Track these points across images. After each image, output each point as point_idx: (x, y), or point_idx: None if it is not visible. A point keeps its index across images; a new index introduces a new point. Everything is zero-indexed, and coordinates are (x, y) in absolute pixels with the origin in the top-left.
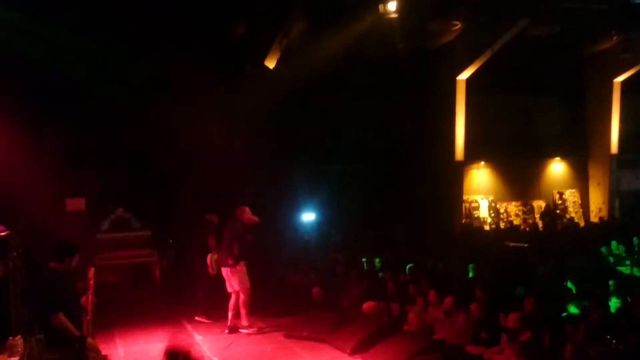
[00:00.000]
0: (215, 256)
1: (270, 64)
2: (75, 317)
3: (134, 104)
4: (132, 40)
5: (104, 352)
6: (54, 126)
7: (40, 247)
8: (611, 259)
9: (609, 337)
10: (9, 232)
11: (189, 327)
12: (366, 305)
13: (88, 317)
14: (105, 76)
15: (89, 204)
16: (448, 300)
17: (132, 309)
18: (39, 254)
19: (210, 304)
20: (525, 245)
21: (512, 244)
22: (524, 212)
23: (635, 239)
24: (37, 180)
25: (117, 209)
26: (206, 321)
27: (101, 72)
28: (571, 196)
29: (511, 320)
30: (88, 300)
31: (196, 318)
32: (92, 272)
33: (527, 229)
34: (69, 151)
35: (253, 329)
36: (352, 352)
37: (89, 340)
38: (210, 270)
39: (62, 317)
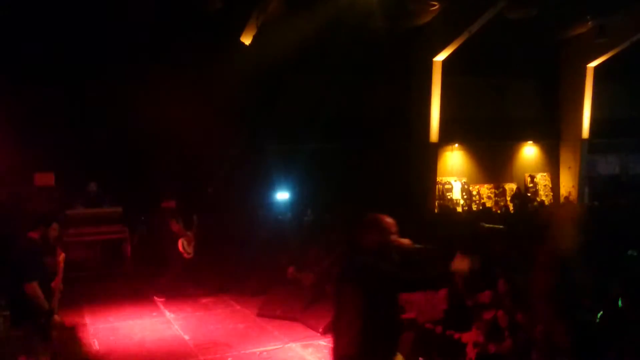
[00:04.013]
0: (187, 239)
1: (247, 40)
2: (45, 291)
3: (106, 79)
4: (105, 15)
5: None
6: (24, 100)
7: (8, 221)
8: None
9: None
10: None
11: (160, 304)
12: None
13: (54, 300)
14: (80, 50)
15: (58, 179)
16: None
17: (103, 286)
18: (7, 228)
19: (171, 284)
20: (501, 227)
21: (487, 225)
22: (496, 195)
23: None
24: (4, 154)
25: (89, 184)
26: (161, 298)
27: (76, 46)
28: (542, 180)
29: (484, 297)
30: (56, 284)
31: (154, 298)
32: (62, 257)
33: (499, 211)
34: (38, 125)
35: None
36: (324, 332)
37: (55, 317)
38: (185, 255)
39: (36, 286)
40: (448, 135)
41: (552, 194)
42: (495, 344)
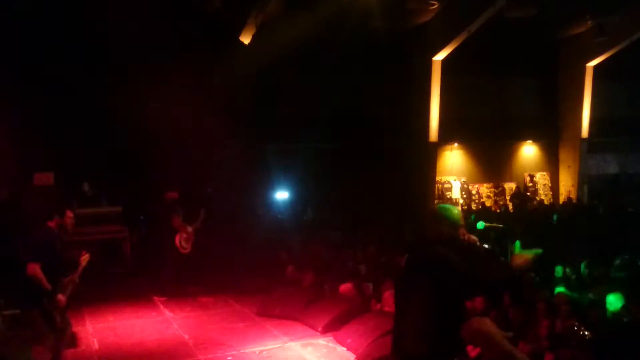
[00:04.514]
0: (185, 235)
1: (245, 39)
2: (52, 278)
3: (106, 79)
4: (105, 15)
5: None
6: (24, 99)
7: (8, 220)
8: None
9: (577, 323)
10: None
11: (159, 303)
12: (343, 287)
13: (66, 293)
14: (76, 50)
15: (58, 179)
16: None
17: (102, 286)
18: (7, 227)
19: (171, 283)
20: (500, 225)
21: (486, 224)
22: (495, 194)
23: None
24: (3, 154)
25: (82, 184)
26: (162, 298)
27: (75, 46)
28: (542, 179)
29: (477, 301)
30: (70, 279)
31: (154, 298)
32: (86, 257)
33: (498, 210)
34: (37, 125)
35: None
36: (324, 330)
37: (59, 296)
38: (181, 250)
39: (37, 267)
40: (447, 135)
41: (551, 193)
42: None
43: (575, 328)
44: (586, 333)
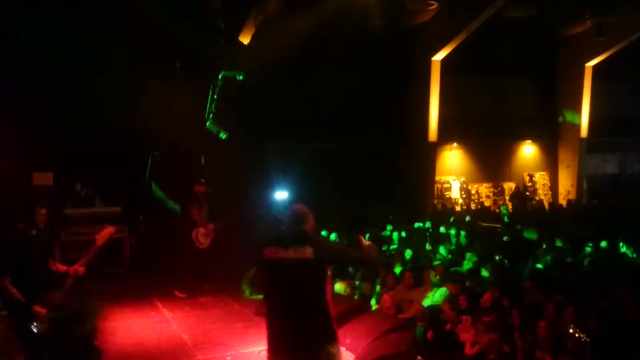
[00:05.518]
0: (203, 230)
1: (245, 39)
2: (28, 283)
3: (104, 78)
4: (104, 15)
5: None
6: (23, 99)
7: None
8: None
9: (572, 326)
10: None
11: (159, 304)
12: (339, 287)
13: (65, 286)
14: (74, 50)
15: (57, 179)
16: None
17: (101, 286)
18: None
19: (187, 279)
20: (498, 226)
21: (485, 224)
22: (494, 194)
23: None
24: (2, 153)
25: (75, 184)
26: (182, 295)
27: (71, 48)
28: (541, 178)
29: (485, 299)
30: (74, 269)
31: (175, 293)
32: (107, 231)
33: (498, 210)
34: (37, 125)
35: None
36: None
37: (36, 307)
38: (197, 245)
39: (6, 283)
40: (447, 135)
41: (550, 192)
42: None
43: (571, 331)
44: (582, 337)
